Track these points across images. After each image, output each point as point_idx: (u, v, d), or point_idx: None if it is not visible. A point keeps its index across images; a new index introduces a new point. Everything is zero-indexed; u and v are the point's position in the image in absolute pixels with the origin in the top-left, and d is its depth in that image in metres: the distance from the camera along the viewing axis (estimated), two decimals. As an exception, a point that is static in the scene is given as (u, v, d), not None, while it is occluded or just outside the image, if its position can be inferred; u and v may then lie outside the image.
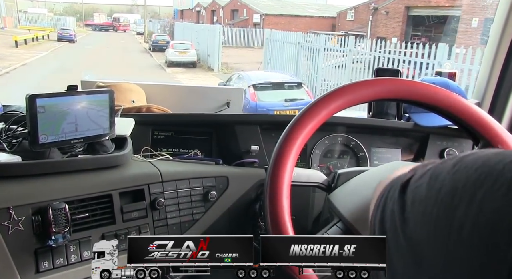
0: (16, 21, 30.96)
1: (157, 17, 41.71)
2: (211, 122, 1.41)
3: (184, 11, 43.79)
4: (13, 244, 0.89)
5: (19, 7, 36.78)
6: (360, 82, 0.81)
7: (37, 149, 0.98)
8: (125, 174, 1.09)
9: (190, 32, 21.73)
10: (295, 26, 24.32)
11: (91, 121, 1.07)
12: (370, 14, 20.70)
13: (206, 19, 36.91)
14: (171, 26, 29.73)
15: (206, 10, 37.35)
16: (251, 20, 29.76)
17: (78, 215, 0.98)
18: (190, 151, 1.34)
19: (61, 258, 0.95)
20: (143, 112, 1.41)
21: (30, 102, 0.94)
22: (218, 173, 1.22)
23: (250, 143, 1.34)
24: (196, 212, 1.18)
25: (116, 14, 45.77)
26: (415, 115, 1.40)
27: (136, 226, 1.08)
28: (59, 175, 1.00)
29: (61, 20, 33.73)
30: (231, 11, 33.32)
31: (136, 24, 42.04)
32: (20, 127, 1.07)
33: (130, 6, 56.65)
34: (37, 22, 32.13)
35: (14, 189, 0.93)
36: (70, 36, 24.67)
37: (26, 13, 35.44)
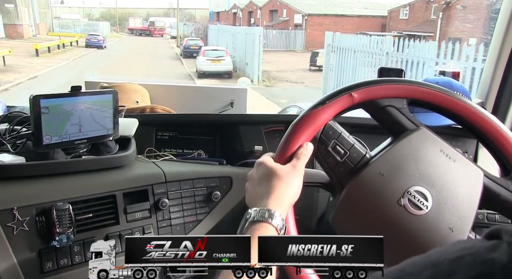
0: (50, 27, 30.58)
1: (193, 20, 40.17)
2: (215, 123, 1.41)
3: (220, 13, 42.20)
4: (17, 244, 0.90)
5: (55, 14, 36.26)
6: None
7: (41, 150, 0.99)
8: (129, 174, 1.09)
9: (225, 35, 19.43)
10: (341, 27, 22.09)
11: (95, 122, 1.08)
12: (441, 10, 17.28)
13: (243, 21, 35.14)
14: (204, 29, 27.67)
15: (243, 12, 35.55)
16: (291, 21, 27.36)
17: (82, 216, 0.99)
18: (193, 152, 1.34)
19: (65, 259, 0.96)
20: (147, 113, 1.41)
21: (34, 103, 0.95)
22: (221, 174, 1.22)
23: (253, 143, 1.34)
24: (199, 213, 1.18)
25: (152, 18, 44.31)
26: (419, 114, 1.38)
27: (140, 227, 1.08)
28: (63, 175, 1.00)
29: (94, 26, 33.27)
30: (269, 12, 31.05)
31: (171, 27, 40.48)
32: (24, 128, 1.07)
33: (167, 10, 55.78)
34: (70, 28, 31.70)
35: (18, 190, 0.93)
36: (98, 42, 23.52)
37: (59, 19, 34.95)
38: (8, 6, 23.33)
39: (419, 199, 0.70)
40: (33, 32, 25.89)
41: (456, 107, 0.78)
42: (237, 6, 37.05)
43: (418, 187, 0.71)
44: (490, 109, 1.47)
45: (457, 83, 1.45)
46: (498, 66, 1.43)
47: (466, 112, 0.77)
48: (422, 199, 0.70)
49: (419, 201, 0.70)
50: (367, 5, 29.09)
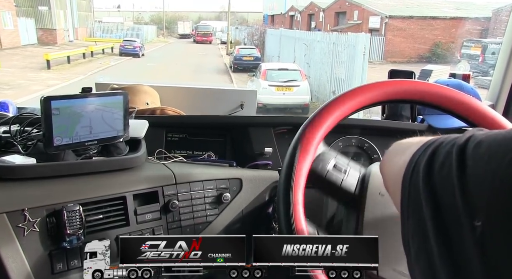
0: (90, 32, 28.90)
1: (245, 24, 36.41)
2: (225, 124, 1.40)
3: (275, 16, 38.54)
4: (28, 245, 0.90)
5: (101, 18, 34.72)
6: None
7: (51, 151, 1.00)
8: (139, 176, 1.10)
9: (290, 43, 14.53)
10: (428, 33, 18.08)
11: (105, 123, 1.09)
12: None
13: (301, 24, 30.84)
14: (261, 34, 22.55)
15: (302, 15, 31.30)
16: (365, 24, 21.75)
17: (92, 217, 0.99)
18: (203, 153, 1.34)
19: (75, 260, 0.96)
20: (157, 114, 1.42)
21: (45, 104, 0.96)
22: (231, 175, 1.21)
23: (263, 145, 1.33)
24: (209, 214, 1.17)
25: (203, 22, 41.10)
26: (429, 117, 1.37)
27: (150, 228, 1.08)
28: (73, 177, 1.01)
29: (138, 30, 31.15)
30: (335, 14, 26.15)
31: (222, 32, 37.19)
32: (35, 129, 1.08)
33: (219, 13, 53.83)
34: (113, 33, 29.81)
35: (29, 191, 0.94)
36: (134, 50, 20.23)
37: (101, 23, 33.06)
38: (41, 9, 22.22)
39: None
40: (69, 37, 24.45)
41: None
42: (294, 9, 33.17)
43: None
44: (500, 111, 1.45)
45: (468, 85, 1.44)
46: (509, 68, 1.40)
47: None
48: None
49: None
50: (458, 5, 22.15)
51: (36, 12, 22.22)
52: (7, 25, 20.32)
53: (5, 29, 20.08)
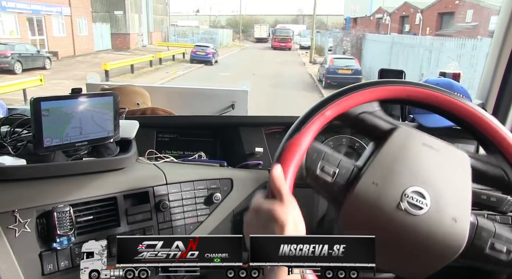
0: (165, 36, 27.77)
1: (323, 28, 34.49)
2: (216, 124, 1.41)
3: (358, 19, 34.62)
4: (19, 246, 0.90)
5: (174, 21, 32.73)
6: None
7: (41, 152, 0.99)
8: (129, 176, 1.10)
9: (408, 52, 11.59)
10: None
11: (96, 124, 1.08)
12: None
13: (390, 28, 26.96)
14: (357, 40, 18.67)
15: (392, 17, 27.61)
16: (483, 27, 16.92)
17: (83, 218, 0.99)
18: (194, 153, 1.35)
19: (66, 261, 0.96)
20: (147, 115, 1.42)
21: (35, 105, 0.95)
22: (222, 175, 1.22)
23: (254, 145, 1.34)
24: (200, 214, 1.18)
25: (281, 25, 38.63)
26: (420, 116, 1.38)
27: (141, 229, 1.08)
28: (64, 178, 1.01)
29: (213, 34, 29.68)
30: (437, 16, 21.95)
31: (300, 35, 35.37)
32: (25, 130, 1.08)
33: (296, 16, 52.01)
34: (187, 37, 28.40)
35: (19, 192, 0.94)
36: (206, 56, 18.62)
37: (175, 27, 31.49)
38: (117, 13, 21.45)
39: (417, 199, 0.69)
40: (142, 42, 23.44)
41: (455, 108, 0.77)
42: (382, 10, 29.40)
43: (413, 188, 0.70)
44: (490, 110, 1.46)
45: (458, 84, 1.45)
46: (498, 67, 1.42)
47: (466, 113, 0.77)
48: (420, 199, 0.70)
49: (418, 201, 0.69)
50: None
51: (112, 17, 21.49)
52: (82, 31, 19.78)
53: (79, 35, 19.42)
